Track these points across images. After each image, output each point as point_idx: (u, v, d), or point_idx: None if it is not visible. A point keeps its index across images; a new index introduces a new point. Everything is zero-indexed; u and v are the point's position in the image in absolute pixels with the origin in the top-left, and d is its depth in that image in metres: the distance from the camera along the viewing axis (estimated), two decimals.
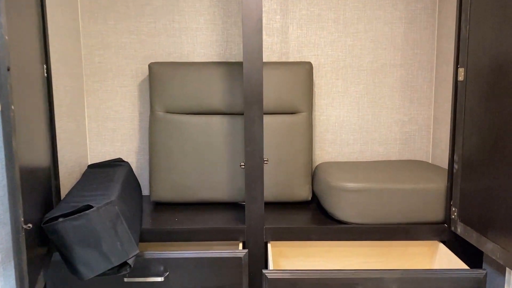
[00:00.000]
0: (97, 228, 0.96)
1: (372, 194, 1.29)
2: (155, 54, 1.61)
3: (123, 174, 1.40)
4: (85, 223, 0.95)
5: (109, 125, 1.64)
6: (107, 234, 0.97)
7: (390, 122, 1.66)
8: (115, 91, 1.62)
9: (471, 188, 1.17)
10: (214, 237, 1.29)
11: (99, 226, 0.97)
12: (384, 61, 1.62)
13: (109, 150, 1.65)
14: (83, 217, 0.95)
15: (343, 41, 1.61)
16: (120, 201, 1.11)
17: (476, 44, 1.14)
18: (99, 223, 0.97)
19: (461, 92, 1.21)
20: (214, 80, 1.48)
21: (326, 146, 1.66)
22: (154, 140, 1.50)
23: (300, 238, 1.29)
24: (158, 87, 1.49)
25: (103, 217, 0.98)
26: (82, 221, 0.95)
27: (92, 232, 0.96)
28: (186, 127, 1.49)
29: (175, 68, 1.49)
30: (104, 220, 0.98)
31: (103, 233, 0.97)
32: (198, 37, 1.60)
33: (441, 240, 1.30)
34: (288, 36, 1.61)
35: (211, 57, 1.61)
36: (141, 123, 1.64)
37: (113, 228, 0.99)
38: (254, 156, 1.25)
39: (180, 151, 1.49)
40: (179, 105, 1.49)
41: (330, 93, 1.64)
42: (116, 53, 1.60)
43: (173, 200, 1.51)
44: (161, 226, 1.30)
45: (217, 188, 1.50)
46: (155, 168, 1.50)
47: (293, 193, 1.51)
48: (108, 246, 0.98)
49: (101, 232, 0.97)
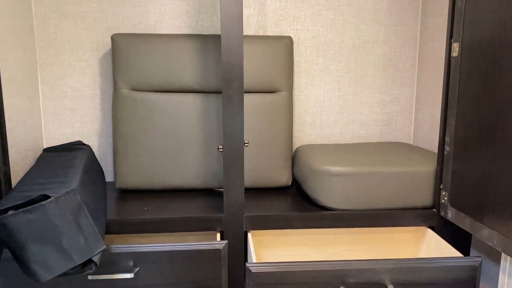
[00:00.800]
0: (56, 221, 0.82)
1: (358, 178, 1.21)
2: (118, 25, 1.45)
3: (84, 158, 1.25)
4: (41, 216, 0.81)
5: (67, 104, 1.47)
6: (67, 229, 0.84)
7: (371, 103, 1.57)
8: (73, 66, 1.45)
9: (464, 171, 1.10)
10: (188, 227, 1.17)
11: (58, 219, 0.83)
12: (367, 37, 1.53)
13: (67, 132, 1.48)
14: (38, 209, 0.81)
15: (325, 15, 1.50)
16: (82, 189, 0.97)
17: (474, 17, 1.06)
18: (58, 216, 0.83)
19: (454, 69, 1.13)
20: (185, 54, 1.35)
21: (306, 128, 1.56)
22: (118, 121, 1.35)
23: (282, 226, 1.19)
24: (122, 62, 1.34)
25: (63, 208, 0.84)
26: (38, 213, 0.81)
27: (49, 226, 0.82)
28: (155, 106, 1.35)
29: (141, 40, 1.34)
30: (64, 212, 0.84)
31: (63, 228, 0.83)
32: (166, 7, 1.45)
33: (429, 225, 1.24)
34: (265, 8, 1.48)
35: (181, 29, 1.47)
36: (103, 102, 1.48)
37: (75, 221, 0.85)
38: (233, 138, 1.13)
39: (148, 132, 1.35)
40: (146, 82, 1.35)
41: (310, 71, 1.53)
42: (74, 23, 1.43)
43: (141, 187, 1.37)
44: (128, 216, 1.17)
45: (190, 173, 1.37)
46: (120, 151, 1.36)
47: (272, 178, 1.40)
48: (70, 242, 0.84)
49: (60, 226, 0.83)
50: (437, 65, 1.42)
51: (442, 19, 1.39)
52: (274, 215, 1.19)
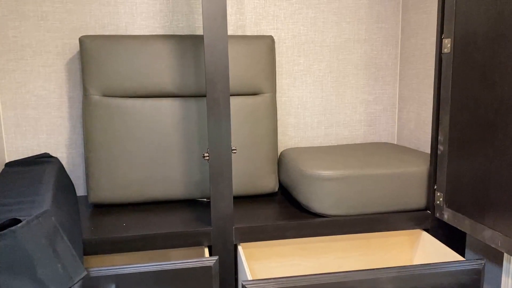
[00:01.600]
0: (29, 248, 0.72)
1: (351, 182, 1.15)
2: (86, 26, 1.34)
3: (54, 172, 1.14)
4: (11, 244, 0.70)
5: (31, 114, 1.34)
6: (43, 256, 0.73)
7: (354, 103, 1.53)
8: (36, 72, 1.33)
9: (461, 170, 1.07)
10: (173, 243, 1.08)
11: (31, 246, 0.72)
12: (348, 36, 1.49)
13: (31, 144, 1.36)
14: (8, 236, 0.70)
15: (305, 13, 1.45)
16: (56, 208, 0.86)
17: (467, 11, 1.02)
18: (31, 242, 0.72)
19: (446, 65, 1.10)
20: (161, 56, 1.25)
21: (289, 131, 1.50)
22: (90, 130, 1.24)
23: (275, 236, 1.12)
24: (92, 66, 1.23)
25: (36, 233, 0.73)
26: (7, 241, 0.70)
27: (22, 254, 0.71)
28: (130, 112, 1.25)
29: (113, 42, 1.23)
30: (37, 237, 0.73)
31: (37, 255, 0.73)
32: (138, 7, 1.35)
33: (424, 228, 1.20)
34: (244, 7, 1.41)
35: (155, 29, 1.37)
36: (71, 110, 1.36)
37: (51, 246, 0.75)
38: (220, 144, 1.05)
39: (123, 141, 1.25)
40: (120, 87, 1.25)
41: (292, 72, 1.47)
42: (36, 25, 1.31)
43: (117, 201, 1.27)
44: (106, 234, 1.06)
45: (170, 183, 1.28)
46: (92, 163, 1.25)
47: (258, 185, 1.33)
48: (46, 270, 0.74)
49: (34, 254, 0.72)
50: (422, 62, 1.39)
51: (426, 15, 1.36)
52: (265, 225, 1.12)
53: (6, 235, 0.70)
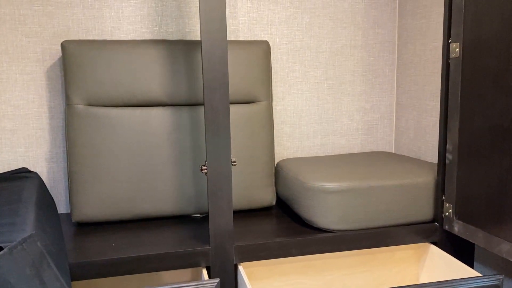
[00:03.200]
0: (12, 280, 0.62)
1: (356, 195, 1.09)
2: (68, 31, 1.24)
3: (34, 189, 1.04)
4: None
5: (7, 125, 1.23)
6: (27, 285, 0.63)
7: (351, 111, 1.47)
8: (13, 80, 1.22)
9: (472, 179, 1.02)
10: (168, 265, 0.99)
11: (14, 277, 0.62)
12: (344, 41, 1.43)
13: (7, 158, 1.25)
14: None
15: (300, 18, 1.39)
16: (41, 232, 0.77)
17: (476, 14, 0.98)
18: (14, 273, 0.62)
19: (455, 71, 1.05)
20: (150, 62, 1.17)
21: (284, 141, 1.43)
22: (73, 142, 1.15)
23: (279, 255, 1.04)
24: (75, 73, 1.14)
25: (20, 262, 0.63)
26: None
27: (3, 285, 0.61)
28: (117, 123, 1.16)
29: (98, 48, 1.15)
30: (22, 266, 0.63)
31: (21, 286, 0.63)
32: (124, 10, 1.27)
33: (432, 241, 1.14)
34: (236, 11, 1.34)
35: (142, 34, 1.29)
36: (52, 121, 1.26)
37: (37, 276, 0.65)
38: (219, 156, 0.97)
39: (110, 154, 1.15)
40: (106, 96, 1.16)
41: (287, 79, 1.41)
42: (13, 29, 1.21)
43: (103, 218, 1.17)
44: (93, 257, 0.97)
45: (161, 198, 1.19)
46: (76, 178, 1.15)
47: (255, 198, 1.25)
48: None
49: (18, 285, 0.62)
50: (421, 69, 1.35)
51: (424, 20, 1.32)
52: (267, 242, 1.04)
53: None
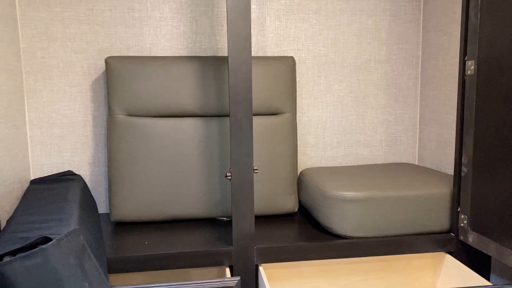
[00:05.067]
0: (58, 267, 0.73)
1: (374, 204, 1.14)
2: (111, 47, 1.37)
3: (78, 191, 1.16)
4: (41, 262, 0.71)
5: (56, 132, 1.37)
6: (71, 274, 0.74)
7: (375, 123, 1.53)
8: (62, 92, 1.36)
9: (486, 192, 1.05)
10: (195, 263, 1.08)
11: (60, 265, 0.73)
12: (368, 56, 1.49)
13: (56, 161, 1.38)
14: (38, 255, 0.71)
15: (325, 35, 1.46)
16: (83, 227, 0.87)
17: (491, 33, 1.02)
18: (61, 261, 0.73)
19: (470, 87, 1.09)
20: (184, 77, 1.28)
21: (308, 150, 1.50)
22: (113, 148, 1.26)
23: (297, 258, 1.11)
24: (117, 86, 1.26)
25: (66, 251, 0.74)
26: (38, 259, 0.71)
27: (51, 273, 0.72)
28: (152, 132, 1.27)
29: (137, 63, 1.26)
30: (66, 255, 0.74)
31: (66, 274, 0.73)
32: (162, 28, 1.39)
33: (447, 251, 1.18)
34: (265, 29, 1.43)
35: (178, 51, 1.40)
36: (95, 129, 1.39)
37: (79, 265, 0.76)
38: (242, 164, 1.06)
39: (146, 160, 1.26)
40: (143, 107, 1.27)
41: (312, 92, 1.48)
42: (63, 46, 1.35)
43: (139, 219, 1.28)
44: (128, 253, 1.07)
45: (191, 202, 1.28)
46: (115, 181, 1.27)
47: (278, 205, 1.33)
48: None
49: (63, 272, 0.73)
50: (442, 84, 1.39)
51: (446, 36, 1.36)
52: (287, 246, 1.11)
53: (37, 254, 0.71)
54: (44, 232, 0.79)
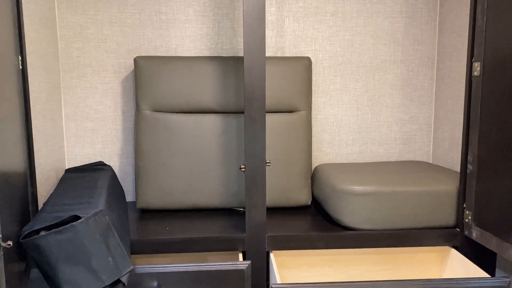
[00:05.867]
0: (86, 242, 0.83)
1: (382, 198, 1.20)
2: (139, 48, 1.48)
3: (107, 179, 1.27)
4: (72, 237, 0.82)
5: (89, 125, 1.49)
6: (97, 249, 0.84)
7: (390, 122, 1.58)
8: (95, 88, 1.48)
9: (489, 189, 1.10)
10: (211, 247, 1.17)
11: (88, 240, 0.83)
12: (384, 57, 1.55)
13: (88, 152, 1.51)
14: (69, 230, 0.82)
15: (342, 36, 1.52)
16: (109, 210, 0.98)
17: (496, 36, 1.06)
18: (88, 237, 0.84)
19: (476, 88, 1.14)
20: (205, 76, 1.37)
21: (324, 147, 1.57)
22: (140, 141, 1.37)
23: (305, 246, 1.19)
24: (144, 84, 1.36)
25: (93, 229, 0.85)
26: (69, 234, 0.82)
27: (80, 247, 0.83)
28: (176, 126, 1.37)
29: (163, 62, 1.36)
30: (93, 232, 0.84)
31: (92, 248, 0.84)
32: (187, 30, 1.48)
33: (453, 245, 1.23)
34: (284, 30, 1.51)
35: (201, 51, 1.50)
36: (124, 123, 1.50)
37: (104, 241, 0.86)
38: (255, 157, 1.14)
39: (169, 153, 1.36)
40: (168, 103, 1.37)
41: (328, 91, 1.55)
42: (97, 46, 1.46)
43: (162, 207, 1.38)
44: (151, 236, 1.17)
45: (210, 193, 1.38)
46: (141, 172, 1.37)
47: (292, 198, 1.41)
48: (99, 262, 0.85)
49: (90, 247, 0.84)
50: (456, 84, 1.43)
51: (460, 38, 1.40)
52: (296, 235, 1.19)
53: (67, 230, 0.82)
54: (75, 212, 0.90)
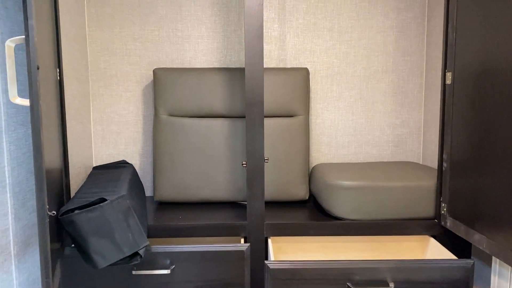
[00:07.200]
0: (111, 219, 1.03)
1: (367, 192, 1.36)
2: (158, 60, 1.68)
3: (129, 174, 1.46)
4: (99, 215, 1.01)
5: (114, 128, 1.70)
6: (119, 226, 1.04)
7: (382, 125, 1.74)
8: (119, 96, 1.69)
9: (459, 185, 1.25)
10: (217, 233, 1.36)
11: (112, 218, 1.03)
12: (377, 67, 1.71)
13: (113, 152, 1.71)
14: (97, 209, 1.01)
15: (338, 49, 1.70)
16: (130, 196, 1.17)
17: (462, 50, 1.22)
18: (113, 215, 1.03)
19: (448, 95, 1.29)
20: (215, 85, 1.56)
21: (322, 148, 1.74)
22: (158, 142, 1.57)
23: (299, 233, 1.36)
24: (162, 92, 1.57)
25: (116, 209, 1.04)
26: (97, 213, 1.01)
27: (106, 223, 1.02)
28: (189, 129, 1.56)
29: (178, 73, 1.56)
30: (117, 212, 1.04)
31: (116, 225, 1.03)
32: (199, 45, 1.68)
33: (431, 234, 1.38)
34: (285, 44, 1.69)
35: (212, 63, 1.69)
36: (144, 126, 1.71)
37: (125, 220, 1.05)
38: (255, 155, 1.32)
39: (183, 152, 1.56)
40: (182, 109, 1.57)
41: (326, 98, 1.72)
42: (121, 59, 1.67)
43: (176, 200, 1.57)
44: (165, 223, 1.36)
45: (218, 187, 1.56)
46: (159, 169, 1.57)
47: (291, 193, 1.58)
48: (121, 237, 1.04)
49: (114, 224, 1.03)
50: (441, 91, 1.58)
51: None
52: (291, 223, 1.36)
53: (96, 209, 1.01)
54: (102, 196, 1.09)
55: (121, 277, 1.23)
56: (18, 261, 1.18)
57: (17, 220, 1.10)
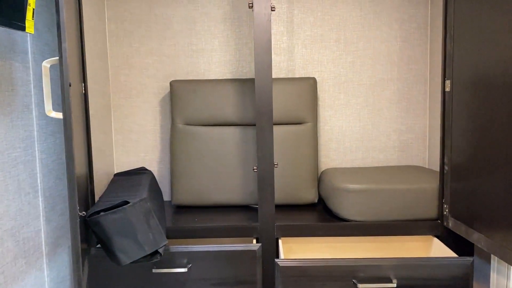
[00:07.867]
0: (133, 220, 1.12)
1: (372, 194, 1.44)
2: (174, 73, 1.79)
3: (148, 180, 1.57)
4: (123, 216, 1.11)
5: (133, 137, 1.81)
6: (141, 226, 1.13)
7: (389, 131, 1.81)
8: (138, 107, 1.80)
9: (459, 186, 1.32)
10: (230, 234, 1.45)
11: (134, 219, 1.13)
12: (382, 76, 1.79)
13: (133, 160, 1.82)
14: (121, 211, 1.11)
15: (344, 59, 1.78)
16: (150, 199, 1.27)
17: (459, 59, 1.30)
18: (135, 217, 1.13)
19: (448, 102, 1.37)
20: (228, 95, 1.66)
21: (331, 154, 1.82)
22: (175, 150, 1.67)
23: (307, 234, 1.44)
24: (178, 102, 1.67)
25: (138, 211, 1.14)
26: (120, 214, 1.11)
27: (128, 224, 1.12)
28: (203, 137, 1.66)
29: (193, 85, 1.67)
30: (138, 214, 1.14)
31: (138, 225, 1.13)
32: (213, 57, 1.78)
33: (435, 234, 1.44)
34: (294, 55, 1.78)
35: (225, 74, 1.79)
36: (162, 135, 1.81)
37: (146, 221, 1.15)
38: (265, 160, 1.41)
39: (198, 159, 1.65)
40: (197, 118, 1.67)
41: (333, 106, 1.80)
42: (140, 73, 1.79)
43: (192, 204, 1.67)
44: (182, 225, 1.46)
45: (231, 192, 1.65)
46: (176, 175, 1.67)
47: (301, 196, 1.66)
48: (142, 236, 1.14)
49: (136, 224, 1.13)
50: None
51: None
52: (300, 224, 1.44)
53: (119, 211, 1.11)
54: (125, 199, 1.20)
55: (142, 275, 1.33)
56: (49, 260, 1.29)
57: (48, 222, 1.21)
